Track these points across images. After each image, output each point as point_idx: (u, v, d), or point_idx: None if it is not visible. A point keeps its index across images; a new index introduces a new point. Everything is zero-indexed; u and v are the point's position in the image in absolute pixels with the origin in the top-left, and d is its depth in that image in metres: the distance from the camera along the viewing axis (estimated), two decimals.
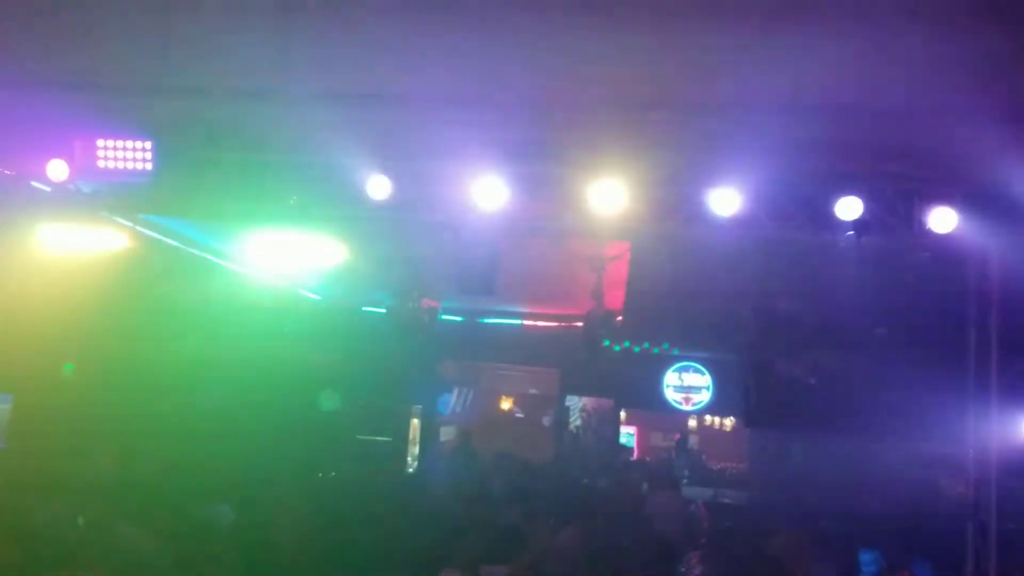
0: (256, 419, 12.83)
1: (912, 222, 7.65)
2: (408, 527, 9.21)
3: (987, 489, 8.03)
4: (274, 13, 7.49)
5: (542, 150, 7.82)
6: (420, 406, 16.94)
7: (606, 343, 14.91)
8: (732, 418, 19.89)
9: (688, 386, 18.78)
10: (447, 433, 17.93)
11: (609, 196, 7.82)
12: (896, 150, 7.48)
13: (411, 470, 15.96)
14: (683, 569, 10.22)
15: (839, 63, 7.00)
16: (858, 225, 7.64)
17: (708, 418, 20.32)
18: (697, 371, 18.77)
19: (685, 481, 17.91)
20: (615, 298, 13.52)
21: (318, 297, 15.45)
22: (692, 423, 20.60)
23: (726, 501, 16.57)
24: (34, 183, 8.26)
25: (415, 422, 16.99)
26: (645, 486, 15.24)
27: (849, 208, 7.60)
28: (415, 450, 16.97)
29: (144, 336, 11.06)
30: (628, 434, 20.53)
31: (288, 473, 11.19)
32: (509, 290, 9.23)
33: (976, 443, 8.01)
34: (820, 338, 8.42)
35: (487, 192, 7.79)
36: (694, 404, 18.88)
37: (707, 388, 18.81)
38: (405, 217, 8.32)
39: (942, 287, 8.27)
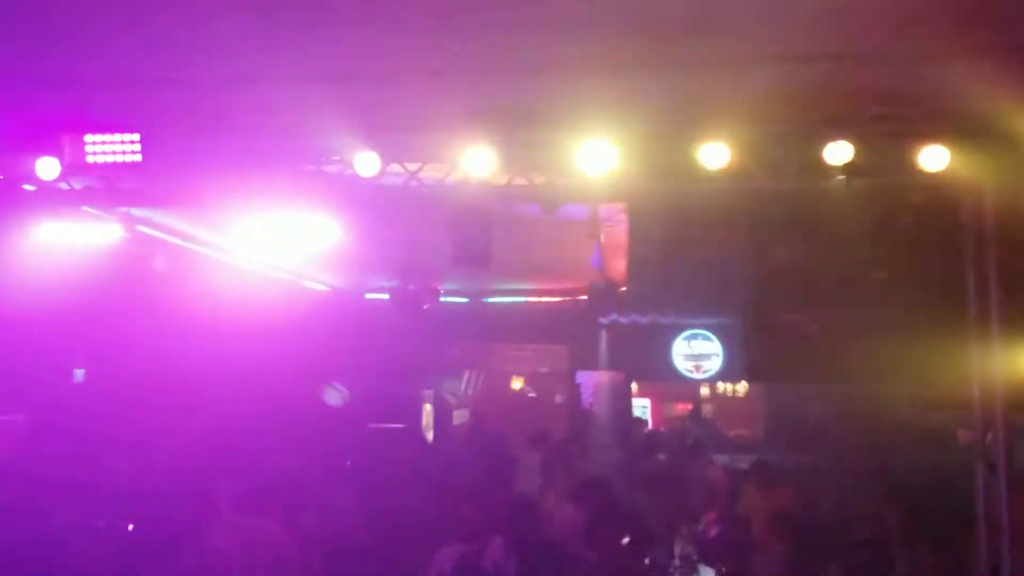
0: (266, 414, 12.88)
1: (903, 163, 7.62)
2: (416, 503, 9.29)
3: (995, 427, 8.00)
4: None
5: (529, 116, 7.82)
6: (431, 390, 16.99)
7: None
8: (745, 383, 19.89)
9: (698, 354, 18.78)
10: (460, 416, 17.98)
11: (599, 157, 7.83)
12: (883, 92, 7.44)
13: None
14: (700, 528, 10.31)
15: (822, 10, 6.95)
16: (849, 169, 7.63)
17: (720, 385, 20.31)
18: (706, 338, 18.76)
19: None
20: (617, 268, 13.53)
21: (323, 287, 15.50)
22: (705, 391, 20.60)
23: (742, 466, 16.59)
24: (25, 185, 8.31)
25: (427, 407, 17.05)
26: (662, 456, 15.31)
27: (838, 153, 7.59)
28: (429, 435, 17.02)
29: (149, 334, 11.11)
30: (643, 406, 20.54)
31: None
32: (506, 262, 9.22)
33: (981, 381, 7.98)
34: (818, 286, 8.39)
35: (475, 162, 7.81)
36: (705, 371, 18.89)
37: (717, 355, 18.81)
38: (397, 194, 8.35)
39: (938, 226, 8.23)
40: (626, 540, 9.40)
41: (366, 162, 7.96)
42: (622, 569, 8.27)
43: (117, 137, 7.76)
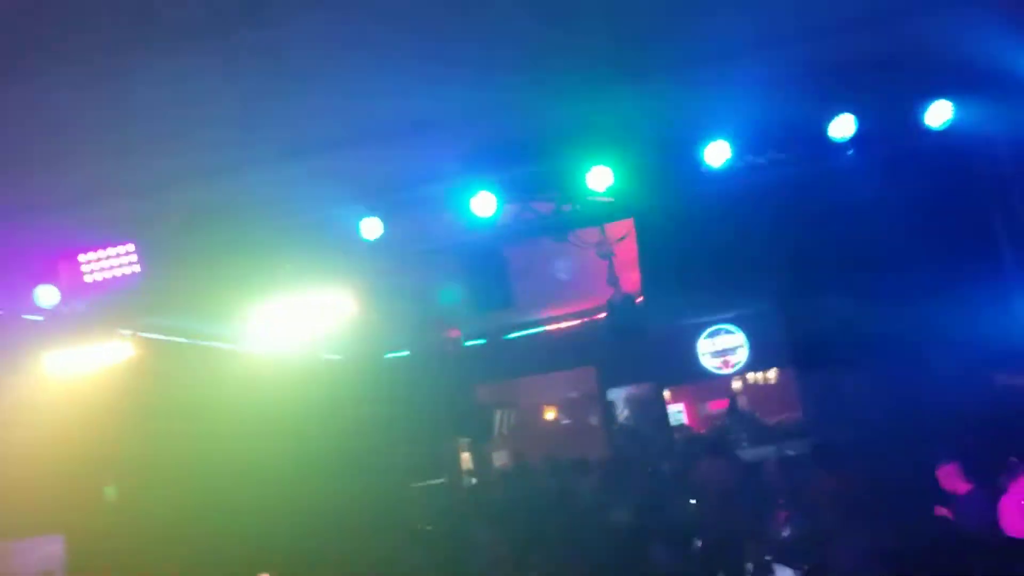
0: (308, 495, 12.64)
1: (909, 125, 7.45)
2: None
3: None
4: (224, 86, 7.30)
5: (523, 149, 7.66)
6: (467, 439, 16.74)
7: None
8: (775, 369, 19.61)
9: (724, 349, 18.53)
10: (500, 458, 17.72)
11: (599, 177, 7.67)
12: (878, 58, 7.27)
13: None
14: (773, 529, 10.00)
15: None
16: (856, 142, 7.46)
17: (751, 375, 20.00)
18: (728, 332, 18.52)
19: (745, 444, 17.62)
20: (631, 280, 13.33)
21: (339, 357, 15.26)
22: (737, 384, 20.28)
23: (791, 454, 16.28)
24: (26, 316, 8.12)
25: (465, 455, 16.79)
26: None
27: (843, 127, 7.42)
28: (473, 482, 16.74)
29: (177, 439, 10.88)
30: (678, 411, 20.26)
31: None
32: (526, 297, 9.03)
33: None
34: (847, 265, 8.19)
35: (479, 205, 7.64)
36: (734, 365, 18.63)
37: (743, 346, 18.57)
38: (405, 251, 8.18)
39: (957, 182, 8.04)
40: (699, 544, 9.18)
41: (368, 227, 7.78)
42: None
43: (112, 251, 7.58)
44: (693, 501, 11.81)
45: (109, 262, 7.58)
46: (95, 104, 6.48)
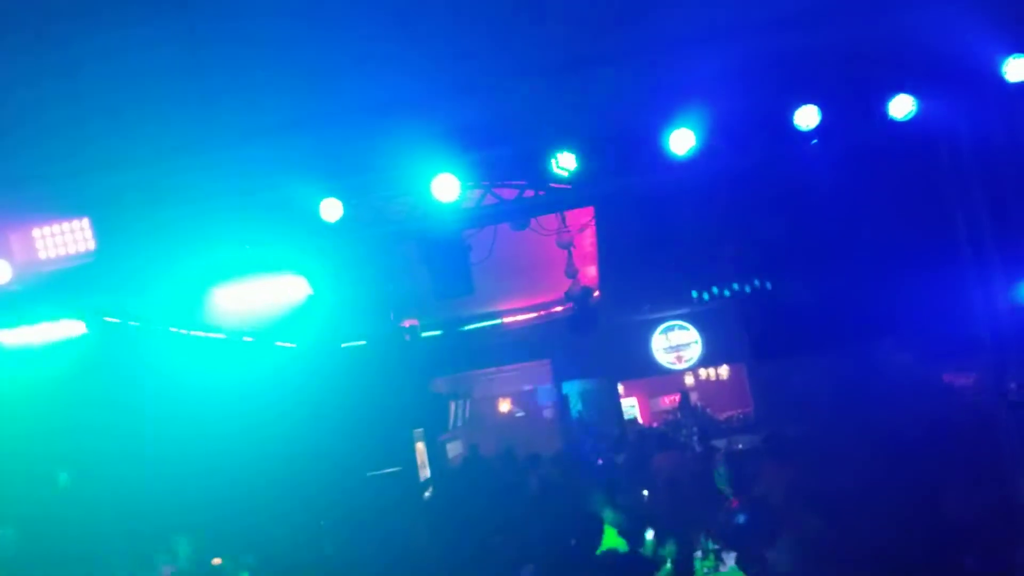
0: (261, 483, 12.51)
1: (873, 116, 7.48)
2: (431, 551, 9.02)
3: (1009, 366, 7.85)
4: (181, 63, 7.15)
5: (486, 133, 7.60)
6: (421, 429, 16.65)
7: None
8: (726, 365, 19.82)
9: (677, 344, 18.78)
10: (454, 449, 17.67)
11: (564, 163, 7.63)
12: (841, 49, 7.33)
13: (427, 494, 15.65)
14: (725, 518, 10.08)
15: None
16: (820, 132, 7.49)
17: (703, 371, 20.20)
18: (682, 328, 18.76)
19: (696, 439, 17.75)
20: (589, 275, 13.38)
21: (296, 345, 15.10)
22: (689, 380, 20.47)
23: (740, 447, 16.44)
24: None
25: (420, 445, 16.71)
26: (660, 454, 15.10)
27: (806, 117, 7.45)
28: (426, 473, 16.68)
29: (127, 424, 10.70)
30: (631, 405, 20.40)
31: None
32: (486, 286, 8.98)
33: (990, 320, 7.85)
34: (809, 255, 8.25)
35: (441, 189, 7.55)
36: (687, 361, 18.87)
37: (696, 342, 18.82)
38: (365, 235, 8.08)
39: (919, 173, 8.13)
40: (650, 535, 9.25)
41: (328, 208, 7.66)
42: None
43: (67, 226, 7.38)
44: (645, 492, 11.91)
45: (64, 237, 7.37)
46: (46, 74, 6.33)
